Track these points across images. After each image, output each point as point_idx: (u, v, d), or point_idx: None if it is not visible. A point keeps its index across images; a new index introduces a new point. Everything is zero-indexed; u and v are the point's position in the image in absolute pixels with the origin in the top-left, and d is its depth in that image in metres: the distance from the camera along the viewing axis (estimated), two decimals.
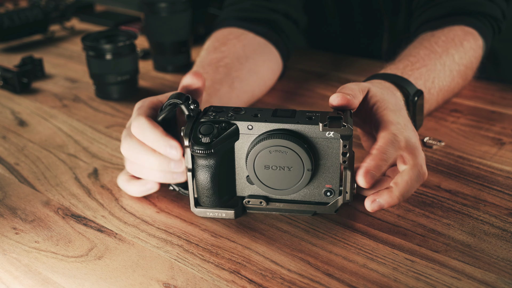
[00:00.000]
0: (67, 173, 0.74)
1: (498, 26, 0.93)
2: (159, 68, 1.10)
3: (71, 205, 0.67)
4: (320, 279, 0.55)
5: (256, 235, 0.61)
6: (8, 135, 0.86)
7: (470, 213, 0.64)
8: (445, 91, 0.84)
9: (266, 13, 0.98)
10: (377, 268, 0.56)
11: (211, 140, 0.58)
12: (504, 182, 0.69)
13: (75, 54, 1.21)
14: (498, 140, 0.79)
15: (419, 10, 0.96)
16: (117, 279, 0.55)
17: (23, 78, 1.01)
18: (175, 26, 1.05)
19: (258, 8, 0.99)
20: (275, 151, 0.58)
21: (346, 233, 0.61)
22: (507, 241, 0.59)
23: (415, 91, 0.74)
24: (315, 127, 0.58)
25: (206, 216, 0.64)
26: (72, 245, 0.60)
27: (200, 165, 0.60)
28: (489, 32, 0.91)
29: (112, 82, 0.95)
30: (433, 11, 0.93)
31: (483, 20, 0.91)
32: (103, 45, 0.94)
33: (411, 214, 0.64)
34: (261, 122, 0.59)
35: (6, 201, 0.68)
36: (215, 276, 0.55)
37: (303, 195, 0.62)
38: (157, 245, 0.60)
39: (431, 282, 0.54)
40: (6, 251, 0.60)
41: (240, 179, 0.63)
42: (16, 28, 1.24)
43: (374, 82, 0.71)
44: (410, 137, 0.62)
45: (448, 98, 0.88)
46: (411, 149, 0.61)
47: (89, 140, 0.83)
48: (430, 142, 0.79)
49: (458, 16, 0.91)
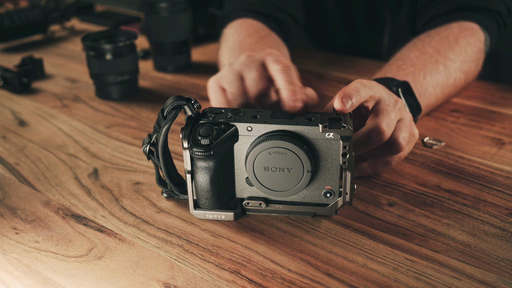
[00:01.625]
0: (67, 173, 0.74)
1: (504, 21, 0.94)
2: (159, 68, 1.10)
3: (71, 205, 0.67)
4: (320, 279, 0.55)
5: (256, 235, 0.61)
6: (8, 135, 0.86)
7: (470, 213, 0.64)
8: (444, 85, 0.84)
9: (274, 10, 1.01)
10: (377, 268, 0.56)
11: (210, 142, 0.58)
12: (504, 182, 0.69)
13: (75, 54, 1.21)
14: (498, 140, 0.79)
15: (424, 8, 0.97)
16: (117, 279, 0.55)
17: (23, 78, 1.01)
18: (175, 26, 1.05)
19: (267, 3, 1.02)
20: (275, 153, 0.58)
21: (346, 233, 0.61)
22: (507, 241, 0.59)
23: (398, 83, 0.74)
24: (314, 128, 0.58)
25: (206, 218, 0.64)
26: (72, 245, 0.61)
27: (199, 167, 0.60)
28: (494, 27, 0.92)
29: (112, 82, 0.95)
30: (437, 9, 0.94)
31: (487, 15, 0.91)
32: (103, 45, 0.94)
33: (411, 214, 0.64)
34: (260, 124, 0.59)
35: (6, 201, 0.69)
36: (215, 276, 0.55)
37: (302, 196, 0.62)
38: (157, 245, 0.60)
39: (431, 282, 0.54)
40: (6, 251, 0.60)
41: (239, 181, 0.63)
42: (16, 28, 1.24)
43: None
44: (385, 96, 0.65)
45: (452, 93, 0.88)
46: (380, 106, 0.64)
47: (89, 140, 0.83)
48: (430, 142, 0.79)
49: (462, 12, 0.92)
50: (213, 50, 1.20)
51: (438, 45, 0.85)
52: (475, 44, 0.89)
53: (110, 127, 0.87)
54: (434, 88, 0.82)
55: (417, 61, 0.82)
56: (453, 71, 0.85)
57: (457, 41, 0.87)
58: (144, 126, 0.87)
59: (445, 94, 0.86)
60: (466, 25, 0.89)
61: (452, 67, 0.85)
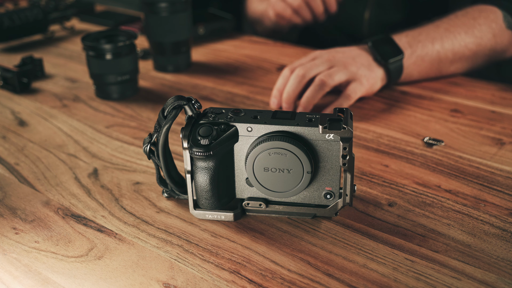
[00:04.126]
0: (67, 173, 0.74)
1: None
2: (159, 68, 1.10)
3: (71, 205, 0.67)
4: (320, 279, 0.55)
5: (256, 235, 0.61)
6: (8, 135, 0.86)
7: (470, 213, 0.64)
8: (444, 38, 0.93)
9: None
10: (377, 268, 0.56)
11: (210, 142, 0.58)
12: (504, 182, 0.69)
13: (75, 54, 1.21)
14: (498, 140, 0.79)
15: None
16: (117, 279, 0.55)
17: (23, 78, 1.01)
18: (175, 26, 1.05)
19: None
20: (275, 153, 0.58)
21: (346, 233, 0.61)
22: (507, 241, 0.59)
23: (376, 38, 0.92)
24: (315, 129, 0.58)
25: (205, 218, 0.64)
26: (72, 245, 0.61)
27: (199, 167, 0.60)
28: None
29: (112, 82, 0.95)
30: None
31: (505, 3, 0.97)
32: (103, 45, 0.94)
33: (411, 214, 0.64)
34: (260, 124, 0.59)
35: (6, 201, 0.69)
36: (215, 276, 0.55)
37: (302, 197, 0.62)
38: (157, 245, 0.60)
39: (431, 282, 0.54)
40: (6, 251, 0.60)
41: (239, 181, 0.63)
42: (16, 28, 1.24)
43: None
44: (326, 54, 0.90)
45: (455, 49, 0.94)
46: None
47: (89, 140, 0.83)
48: (430, 142, 0.79)
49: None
50: (213, 50, 1.20)
51: (450, 21, 0.95)
52: (488, 17, 0.95)
53: (110, 127, 0.87)
54: (432, 42, 0.92)
55: (422, 27, 0.94)
56: (459, 34, 0.94)
57: (475, 19, 0.95)
58: (144, 126, 0.87)
59: (446, 48, 0.93)
60: (484, 7, 0.96)
61: (457, 31, 0.93)
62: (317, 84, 0.86)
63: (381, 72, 0.91)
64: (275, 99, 0.89)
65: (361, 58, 0.90)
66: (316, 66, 0.88)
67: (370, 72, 0.89)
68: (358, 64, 0.89)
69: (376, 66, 0.90)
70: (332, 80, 0.86)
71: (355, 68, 0.88)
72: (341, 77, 0.87)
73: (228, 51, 1.19)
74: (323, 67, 0.88)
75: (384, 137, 0.81)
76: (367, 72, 0.89)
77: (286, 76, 0.90)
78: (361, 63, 0.89)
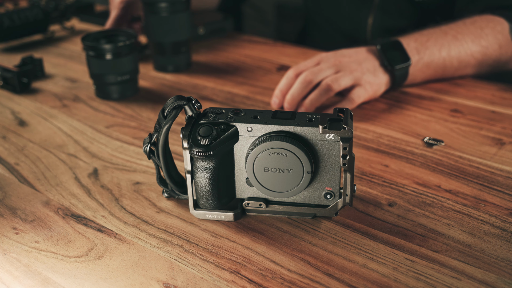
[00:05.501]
0: (67, 173, 0.74)
1: None
2: (159, 68, 1.10)
3: (71, 205, 0.67)
4: (320, 279, 0.55)
5: (256, 235, 0.61)
6: (8, 135, 0.86)
7: (470, 213, 0.64)
8: (451, 46, 0.93)
9: None
10: (377, 268, 0.56)
11: (210, 142, 0.58)
12: (504, 182, 0.69)
13: (75, 54, 1.21)
14: (498, 140, 0.79)
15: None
16: (117, 279, 0.55)
17: (23, 78, 1.01)
18: (175, 26, 1.05)
19: None
20: (275, 153, 0.58)
21: (346, 233, 0.61)
22: (507, 241, 0.59)
23: (385, 41, 0.92)
24: (315, 129, 0.58)
25: (206, 218, 0.64)
26: (72, 245, 0.61)
27: (199, 167, 0.60)
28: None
29: (112, 82, 0.95)
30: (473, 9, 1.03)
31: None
32: (103, 45, 0.94)
33: (411, 214, 0.64)
34: (260, 124, 0.59)
35: (6, 201, 0.69)
36: (215, 276, 0.55)
37: (303, 197, 0.62)
38: (157, 245, 0.60)
39: (431, 282, 0.54)
40: (6, 251, 0.60)
41: (239, 181, 0.63)
42: (16, 28, 1.24)
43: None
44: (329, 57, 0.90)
45: (461, 57, 0.95)
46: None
47: (89, 140, 0.83)
48: (430, 142, 0.79)
49: (493, 9, 0.99)
50: (213, 50, 1.20)
51: (457, 28, 0.95)
52: (496, 29, 0.95)
53: (110, 127, 0.87)
54: (439, 49, 0.92)
55: (432, 33, 0.94)
56: (465, 41, 0.94)
57: (481, 28, 0.95)
58: (144, 126, 0.87)
59: (452, 55, 0.94)
60: (492, 17, 0.97)
61: (465, 41, 0.94)
62: (323, 88, 0.86)
63: (386, 78, 0.91)
64: (277, 99, 0.89)
65: (367, 63, 0.90)
66: (323, 71, 0.88)
67: (375, 78, 0.90)
68: (363, 70, 0.89)
69: (381, 72, 0.90)
70: (338, 85, 0.87)
71: (361, 73, 0.88)
72: (347, 82, 0.87)
73: (228, 51, 1.19)
74: (330, 72, 0.88)
75: (384, 137, 0.81)
76: (372, 78, 0.89)
77: (290, 77, 0.89)
78: (366, 69, 0.89)
